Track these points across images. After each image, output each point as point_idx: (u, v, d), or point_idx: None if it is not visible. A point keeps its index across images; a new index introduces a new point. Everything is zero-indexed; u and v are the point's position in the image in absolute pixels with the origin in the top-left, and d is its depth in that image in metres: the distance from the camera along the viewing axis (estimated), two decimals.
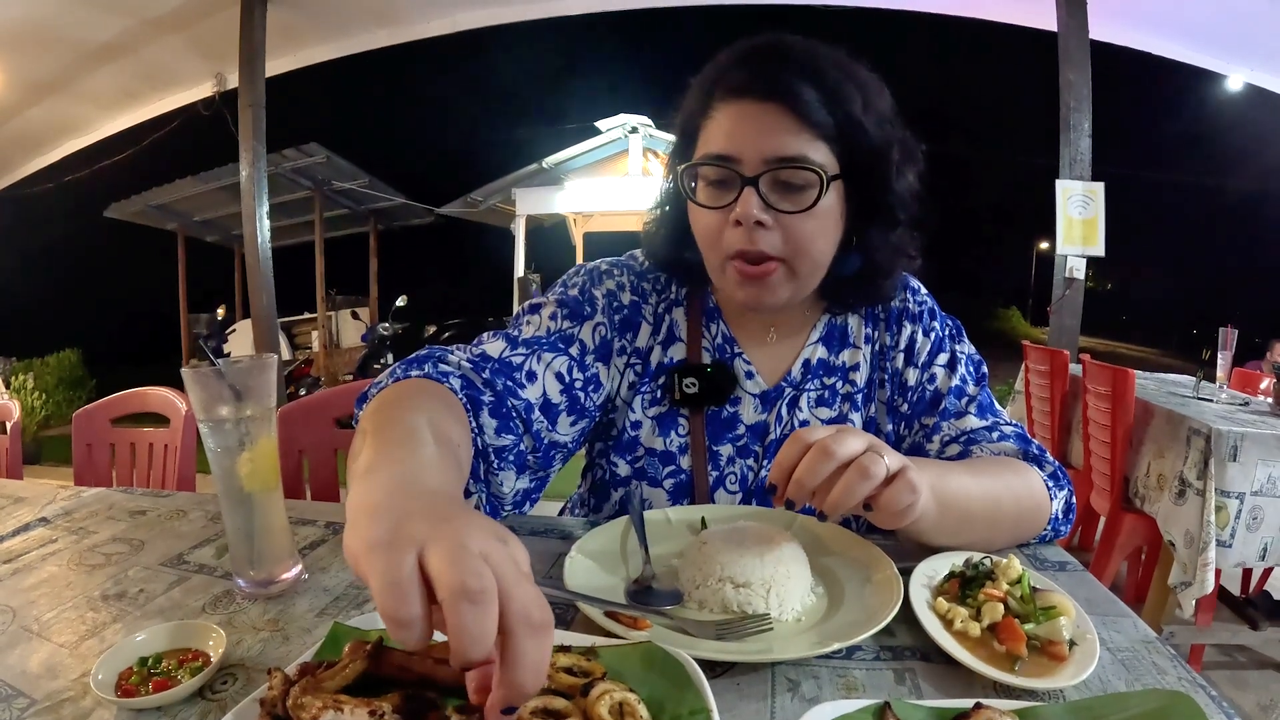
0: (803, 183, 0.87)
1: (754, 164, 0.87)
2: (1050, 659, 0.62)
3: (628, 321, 1.06)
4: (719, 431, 1.04)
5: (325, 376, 9.34)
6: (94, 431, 1.85)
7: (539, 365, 0.95)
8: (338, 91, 37.28)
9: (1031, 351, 3.68)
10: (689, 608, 0.73)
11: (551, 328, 1.00)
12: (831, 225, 0.92)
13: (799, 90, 0.85)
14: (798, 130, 0.86)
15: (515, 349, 0.96)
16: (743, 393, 1.05)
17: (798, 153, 0.86)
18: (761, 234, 0.88)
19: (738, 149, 0.88)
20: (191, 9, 5.43)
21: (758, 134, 0.87)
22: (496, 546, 0.43)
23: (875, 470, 0.65)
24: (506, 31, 6.12)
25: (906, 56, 58.09)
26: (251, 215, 5.42)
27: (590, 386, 1.00)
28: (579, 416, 0.99)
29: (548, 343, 0.98)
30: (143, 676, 0.60)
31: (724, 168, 0.89)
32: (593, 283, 1.06)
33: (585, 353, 1.00)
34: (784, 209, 0.88)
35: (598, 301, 1.04)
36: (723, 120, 0.90)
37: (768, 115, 0.87)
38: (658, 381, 1.05)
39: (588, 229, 10.26)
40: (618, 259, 1.12)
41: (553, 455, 0.97)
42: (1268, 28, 4.81)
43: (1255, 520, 2.16)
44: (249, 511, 0.78)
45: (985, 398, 1.03)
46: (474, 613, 0.39)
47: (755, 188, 0.87)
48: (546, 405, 0.95)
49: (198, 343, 3.82)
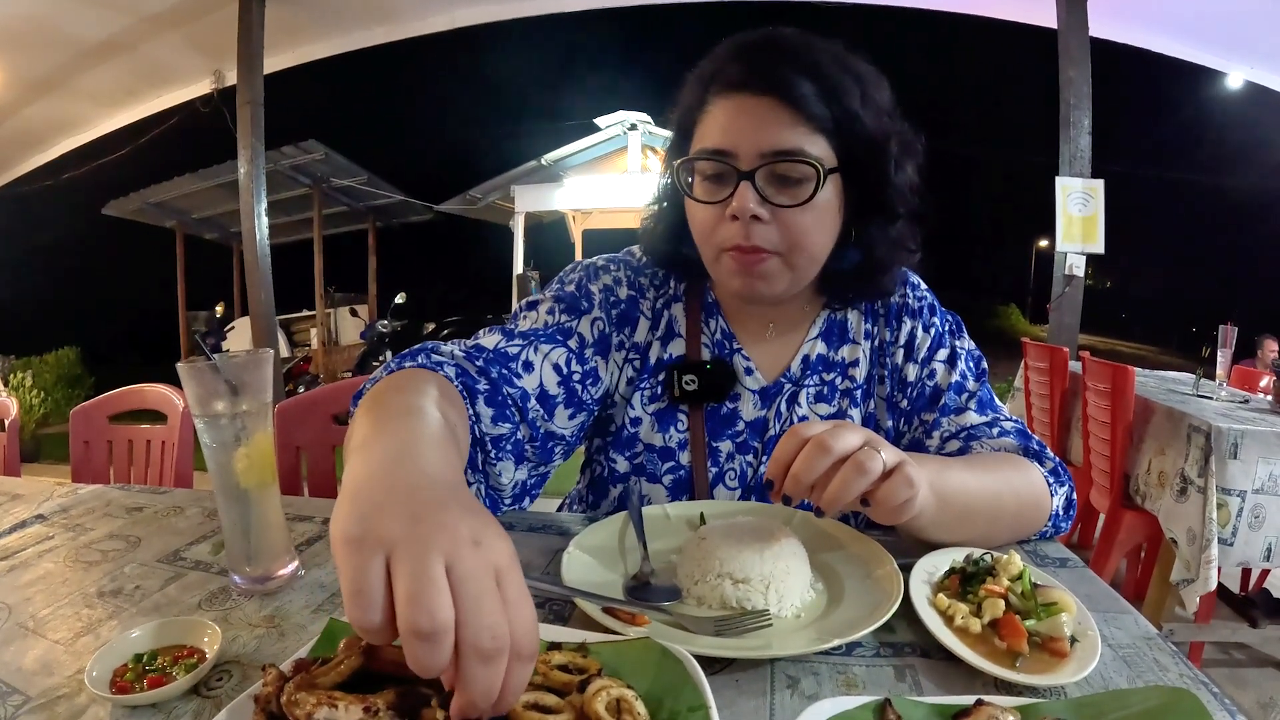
0: (799, 176, 0.87)
1: (750, 158, 0.87)
2: (1051, 655, 0.61)
3: (625, 317, 1.06)
4: (718, 428, 1.04)
5: (324, 374, 9.35)
6: (91, 429, 1.85)
7: (536, 356, 0.96)
8: (336, 89, 37.28)
9: (1031, 349, 3.68)
10: (687, 604, 0.72)
11: (549, 321, 1.01)
12: (829, 219, 0.91)
13: (795, 83, 0.85)
14: (794, 123, 0.86)
15: (511, 340, 0.96)
16: (742, 389, 1.04)
17: (794, 146, 0.86)
18: (757, 228, 0.88)
19: (734, 143, 0.87)
20: (190, 6, 5.42)
21: (753, 128, 0.87)
22: (467, 554, 0.42)
23: (872, 465, 0.65)
24: (505, 28, 6.11)
25: (906, 53, 58.08)
26: (250, 212, 5.41)
27: (589, 380, 1.00)
28: (577, 409, 0.99)
29: (545, 335, 0.98)
30: (137, 673, 0.60)
31: (720, 162, 0.89)
32: (589, 278, 1.06)
33: (584, 346, 1.01)
34: (780, 203, 0.87)
35: (594, 297, 1.04)
36: (718, 115, 0.90)
37: (764, 109, 0.86)
38: (657, 378, 1.05)
39: (587, 226, 10.26)
40: (614, 255, 1.12)
41: (551, 448, 0.97)
42: (1267, 26, 4.80)
43: (1258, 519, 2.16)
44: (245, 507, 0.77)
45: (985, 393, 1.03)
46: (425, 648, 0.39)
47: (751, 182, 0.87)
48: (543, 396, 0.95)
49: (196, 340, 3.83)
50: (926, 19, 6.28)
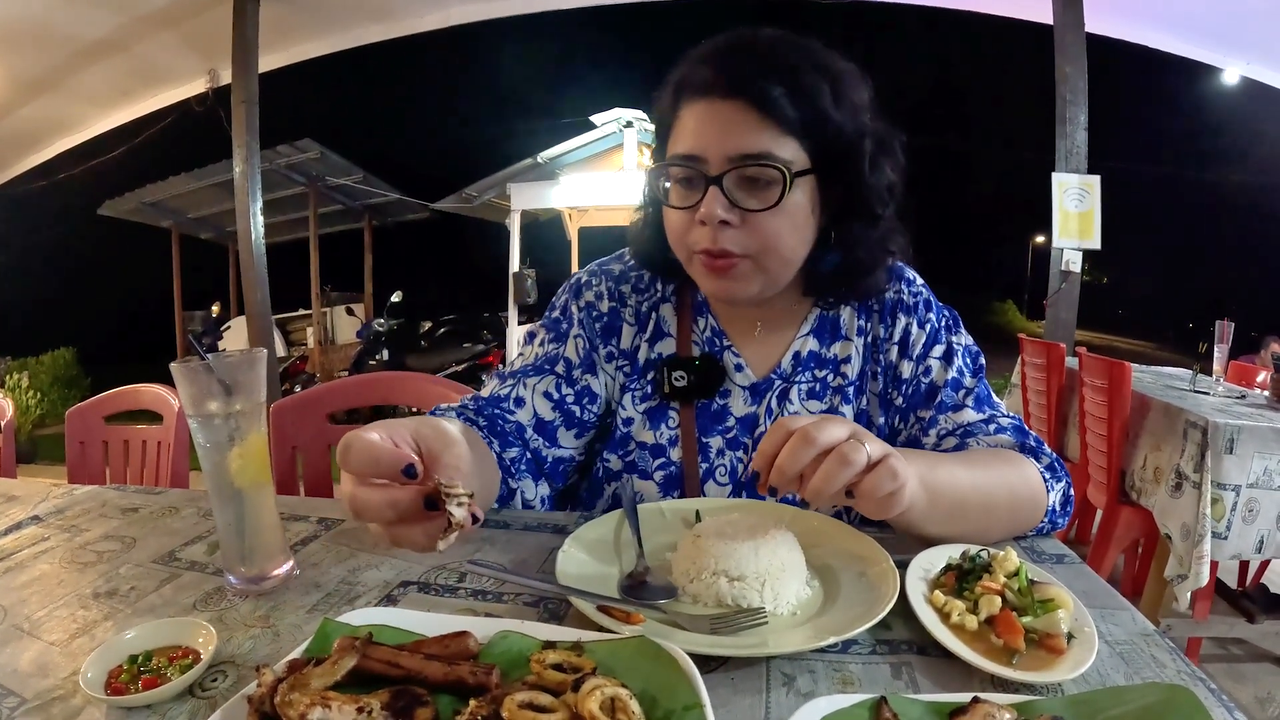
0: (768, 179, 0.87)
1: (718, 162, 0.87)
2: (1048, 652, 0.61)
3: (609, 328, 1.09)
4: (709, 424, 1.04)
5: (320, 373, 9.33)
6: (87, 429, 1.84)
7: (525, 391, 1.04)
8: (331, 87, 37.23)
9: (1028, 345, 3.68)
10: (683, 602, 0.72)
11: (539, 354, 1.08)
12: (801, 221, 0.91)
13: (764, 86, 0.85)
14: (762, 126, 0.86)
15: (504, 383, 1.05)
16: (732, 385, 1.05)
17: (762, 149, 0.86)
18: (726, 232, 0.88)
19: (702, 148, 0.88)
20: (184, 5, 5.39)
21: (721, 132, 0.87)
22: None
23: (855, 457, 0.64)
24: (500, 26, 6.09)
25: (902, 50, 58.09)
26: (245, 212, 5.38)
27: (584, 399, 1.06)
28: (581, 429, 1.06)
29: (533, 368, 1.06)
30: (132, 674, 0.59)
31: (690, 167, 0.89)
32: (573, 298, 1.11)
33: (571, 368, 1.06)
34: (749, 206, 0.88)
35: (575, 316, 1.09)
36: (688, 120, 0.90)
37: (732, 112, 0.87)
38: (646, 377, 1.07)
39: (583, 224, 10.23)
40: (602, 263, 1.15)
41: (562, 470, 1.05)
42: (1264, 21, 4.80)
43: (1251, 512, 2.17)
44: (239, 507, 0.77)
45: (983, 389, 1.03)
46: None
47: (720, 186, 0.87)
48: (540, 424, 1.03)
49: (192, 340, 3.82)
50: (923, 15, 6.28)
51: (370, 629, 0.58)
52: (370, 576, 0.80)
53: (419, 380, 1.60)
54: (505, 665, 0.55)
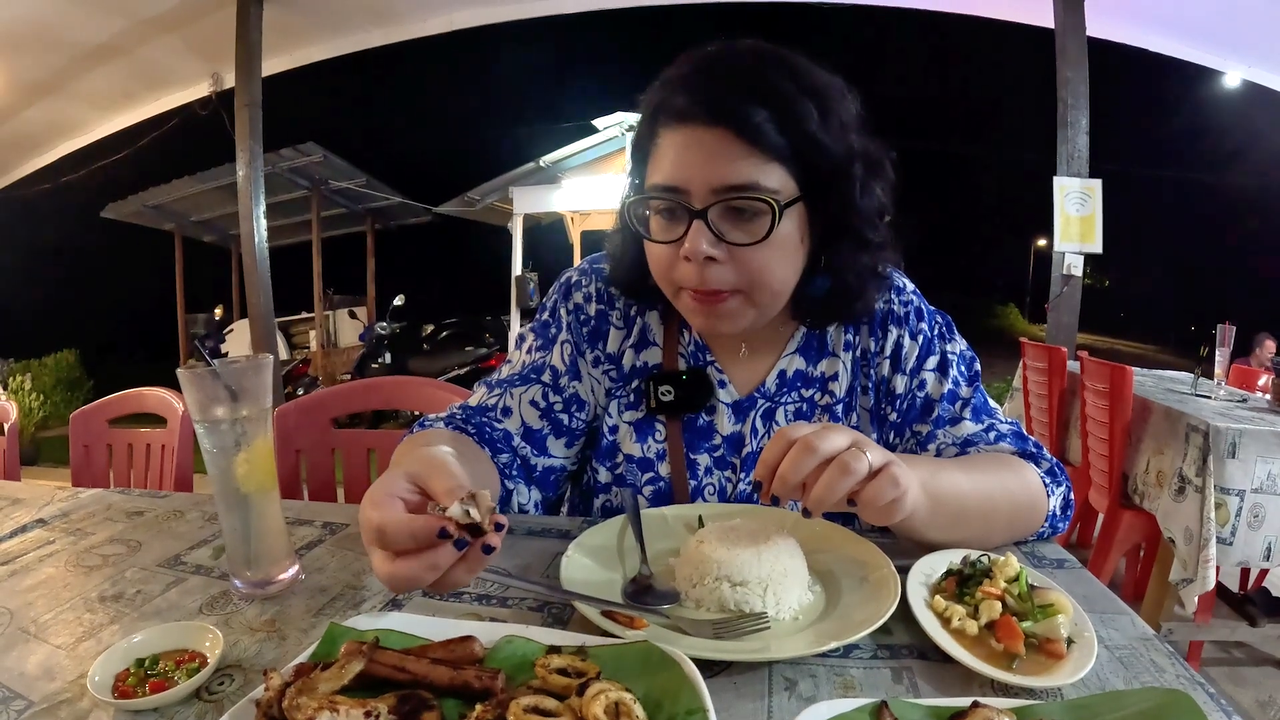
0: (755, 210, 0.83)
1: (702, 195, 0.82)
2: (1048, 657, 0.61)
3: (596, 331, 1.06)
4: (696, 440, 1.02)
5: (323, 376, 9.34)
6: (91, 432, 1.85)
7: (512, 400, 1.02)
8: (334, 91, 37.24)
9: (1029, 349, 3.69)
10: (686, 607, 0.73)
11: (527, 361, 1.06)
12: (791, 251, 0.88)
13: (747, 112, 0.80)
14: (747, 155, 0.81)
15: (491, 392, 1.03)
16: (717, 402, 1.02)
17: (748, 180, 0.81)
18: (713, 269, 0.84)
19: (685, 179, 0.83)
20: (187, 9, 5.41)
21: (704, 162, 0.82)
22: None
23: (857, 466, 0.64)
24: (503, 30, 6.09)
25: (903, 54, 58.10)
26: (248, 215, 5.40)
27: (572, 406, 1.04)
28: (570, 438, 1.04)
29: (520, 377, 1.04)
30: (139, 678, 0.60)
31: (671, 199, 0.85)
32: (562, 299, 1.09)
33: (558, 376, 1.04)
34: (737, 240, 0.83)
35: (563, 320, 1.07)
36: (667, 148, 0.85)
37: (714, 141, 0.81)
38: (631, 384, 1.05)
39: (585, 227, 10.24)
40: (594, 260, 1.11)
41: (553, 480, 1.04)
42: (1265, 24, 4.80)
43: (1257, 519, 2.16)
44: (245, 512, 0.77)
45: (979, 398, 1.01)
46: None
47: (705, 220, 0.82)
48: (528, 433, 1.01)
49: (195, 343, 3.78)
50: (924, 19, 6.28)
51: (376, 633, 0.58)
52: (375, 580, 0.80)
53: (421, 385, 1.60)
54: (510, 670, 0.55)
